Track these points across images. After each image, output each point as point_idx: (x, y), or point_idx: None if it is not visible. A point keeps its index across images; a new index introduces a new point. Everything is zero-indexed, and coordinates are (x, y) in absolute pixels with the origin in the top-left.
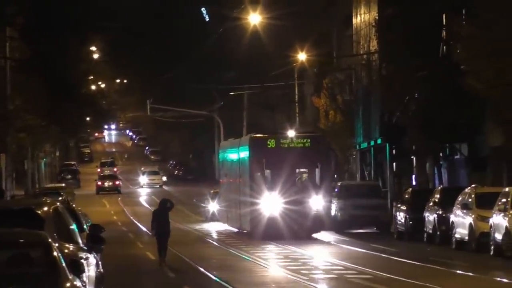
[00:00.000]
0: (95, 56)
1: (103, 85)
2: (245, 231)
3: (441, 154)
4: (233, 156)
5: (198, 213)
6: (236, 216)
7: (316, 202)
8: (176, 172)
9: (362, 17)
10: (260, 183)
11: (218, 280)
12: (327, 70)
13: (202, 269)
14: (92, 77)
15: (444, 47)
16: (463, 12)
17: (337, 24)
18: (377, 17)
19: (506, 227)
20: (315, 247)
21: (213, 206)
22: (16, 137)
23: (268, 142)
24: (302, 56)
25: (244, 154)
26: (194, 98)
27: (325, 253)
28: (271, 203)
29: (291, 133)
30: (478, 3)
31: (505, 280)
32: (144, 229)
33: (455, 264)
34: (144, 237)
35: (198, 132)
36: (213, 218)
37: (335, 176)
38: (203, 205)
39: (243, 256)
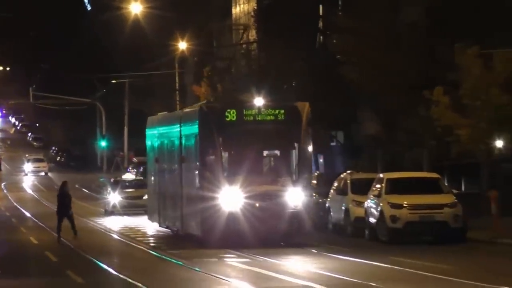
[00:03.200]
0: None
1: None
2: (191, 234)
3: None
4: (171, 134)
5: (94, 204)
6: (175, 215)
7: (294, 196)
8: (58, 159)
9: (241, 7)
10: (215, 170)
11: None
12: (207, 59)
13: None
14: None
15: (321, 37)
16: (339, 3)
17: (217, 14)
18: (255, 7)
19: (380, 211)
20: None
21: (114, 197)
22: None
23: (227, 114)
24: (182, 45)
25: (191, 130)
26: (76, 86)
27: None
28: (231, 198)
29: (258, 101)
30: None
31: (377, 263)
32: (28, 214)
33: (332, 248)
34: (28, 223)
35: (80, 120)
36: (113, 211)
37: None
38: (99, 195)
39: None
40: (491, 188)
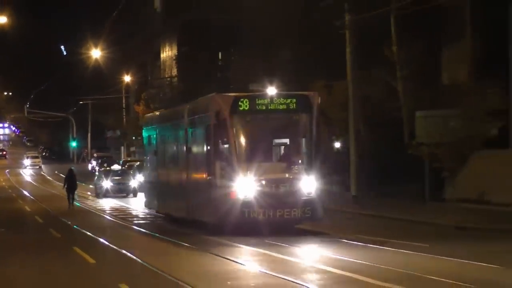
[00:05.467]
0: None
1: None
2: (201, 221)
3: None
4: (173, 127)
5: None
6: (180, 204)
7: (307, 184)
8: (44, 154)
9: (167, 53)
10: (228, 159)
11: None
12: (144, 87)
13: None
14: None
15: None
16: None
17: (151, 57)
18: (176, 54)
19: None
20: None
21: (107, 183)
22: None
23: (240, 103)
24: (127, 78)
25: (201, 120)
26: (56, 105)
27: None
28: (245, 186)
29: (271, 90)
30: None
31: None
32: (24, 192)
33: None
34: (24, 197)
35: (59, 128)
36: (106, 194)
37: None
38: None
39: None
40: None
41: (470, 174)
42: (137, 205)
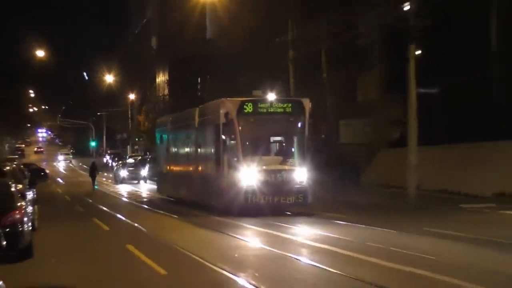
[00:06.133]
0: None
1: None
2: (212, 205)
3: None
4: (185, 126)
5: (101, 177)
6: (191, 190)
7: (300, 174)
8: (71, 151)
9: (161, 78)
10: (235, 153)
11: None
12: (144, 102)
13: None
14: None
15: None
16: (207, 76)
17: (149, 81)
18: (167, 78)
19: None
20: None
21: (123, 173)
22: None
23: (245, 107)
24: (132, 96)
25: (211, 120)
26: (80, 115)
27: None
28: (248, 175)
29: (271, 96)
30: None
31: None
32: (58, 179)
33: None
34: (57, 183)
35: (82, 132)
36: (122, 181)
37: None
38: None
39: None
40: None
41: (379, 166)
42: (147, 190)
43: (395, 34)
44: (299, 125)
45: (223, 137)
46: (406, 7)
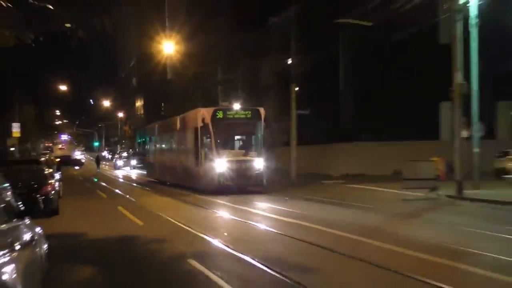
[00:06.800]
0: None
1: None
2: (192, 186)
3: None
4: (171, 129)
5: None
6: (175, 175)
7: (258, 163)
8: (83, 149)
9: (139, 103)
10: (210, 148)
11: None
12: (128, 117)
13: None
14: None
15: (162, 113)
16: (168, 102)
17: (131, 104)
18: (143, 103)
19: None
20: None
21: (120, 162)
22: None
23: (217, 113)
24: (120, 114)
25: (191, 124)
26: (88, 126)
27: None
28: (220, 164)
29: (236, 106)
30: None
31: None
32: (75, 167)
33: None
34: (74, 169)
35: (90, 137)
36: (119, 167)
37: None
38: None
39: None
40: None
41: (277, 157)
42: (136, 174)
43: (283, 78)
44: (257, 127)
45: (201, 136)
46: (289, 61)
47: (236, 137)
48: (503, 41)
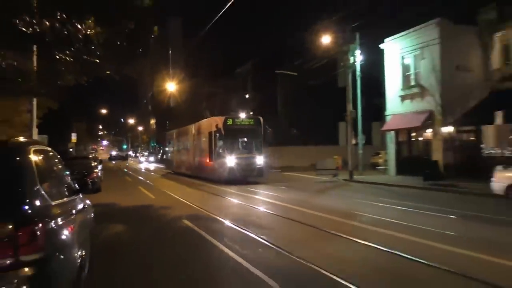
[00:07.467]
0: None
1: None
2: (207, 178)
3: None
4: (188, 133)
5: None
6: (191, 169)
7: (259, 160)
8: (117, 150)
9: (152, 121)
10: (222, 148)
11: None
12: (145, 131)
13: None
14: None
15: (167, 128)
16: (171, 121)
17: (147, 122)
18: (155, 122)
19: None
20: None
21: (143, 158)
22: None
23: (227, 121)
24: (140, 128)
25: (206, 129)
26: (121, 135)
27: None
28: (230, 160)
29: (242, 115)
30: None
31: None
32: (112, 161)
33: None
34: (111, 163)
35: (120, 141)
36: (143, 162)
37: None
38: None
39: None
40: None
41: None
42: (155, 167)
43: (244, 106)
44: (258, 131)
45: (214, 138)
46: (247, 95)
47: (242, 139)
48: (375, 84)
